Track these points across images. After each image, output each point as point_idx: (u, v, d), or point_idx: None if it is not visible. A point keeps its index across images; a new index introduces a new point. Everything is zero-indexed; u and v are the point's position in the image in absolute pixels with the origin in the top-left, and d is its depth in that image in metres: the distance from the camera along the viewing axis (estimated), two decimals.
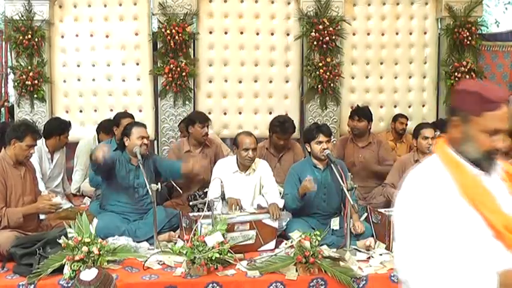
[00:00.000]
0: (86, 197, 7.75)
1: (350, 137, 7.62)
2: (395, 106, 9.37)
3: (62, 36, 8.78)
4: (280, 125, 7.08)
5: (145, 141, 6.04)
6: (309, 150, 5.98)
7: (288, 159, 7.13)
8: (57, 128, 7.26)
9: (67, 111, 8.74)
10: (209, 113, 8.50)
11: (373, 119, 7.69)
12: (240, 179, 6.23)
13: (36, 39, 8.40)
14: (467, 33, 9.05)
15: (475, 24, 9.17)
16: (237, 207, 5.85)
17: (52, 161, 7.28)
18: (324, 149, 5.80)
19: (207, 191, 6.21)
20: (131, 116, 7.49)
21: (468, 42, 9.09)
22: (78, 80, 8.80)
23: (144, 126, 6.26)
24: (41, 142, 6.79)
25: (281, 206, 5.84)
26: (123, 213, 5.99)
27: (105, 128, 7.74)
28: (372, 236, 5.75)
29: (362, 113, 7.45)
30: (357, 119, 7.38)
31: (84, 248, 4.77)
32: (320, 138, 5.83)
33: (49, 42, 8.65)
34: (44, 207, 5.39)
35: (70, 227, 5.00)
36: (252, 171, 6.27)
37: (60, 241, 4.85)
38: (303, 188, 5.66)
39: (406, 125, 8.67)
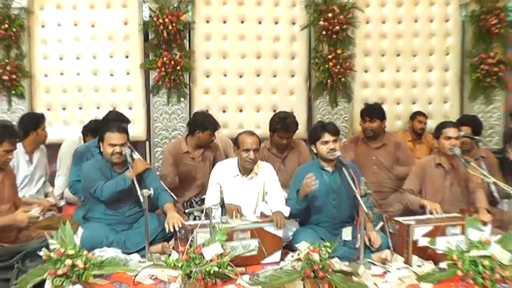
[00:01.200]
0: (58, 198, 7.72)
1: (362, 136, 7.55)
2: (413, 103, 9.37)
3: (43, 26, 8.78)
4: (281, 122, 7.05)
5: (117, 149, 5.91)
6: (315, 151, 5.97)
7: (293, 160, 7.13)
8: (31, 123, 7.22)
9: (49, 109, 8.74)
10: (206, 111, 8.49)
11: (389, 117, 7.67)
12: (241, 184, 6.22)
13: (14, 29, 8.40)
14: (495, 20, 9.04)
15: (504, 9, 9.16)
16: (237, 214, 5.85)
17: (31, 162, 7.25)
18: (331, 149, 5.79)
19: (204, 198, 6.20)
20: (125, 120, 7.24)
21: (496, 31, 9.09)
22: (61, 74, 8.81)
23: (119, 130, 6.06)
24: None
25: (287, 214, 5.82)
26: (109, 225, 5.96)
27: (93, 130, 7.65)
28: (388, 248, 5.74)
29: (373, 112, 7.38)
30: (368, 120, 7.31)
31: (68, 261, 4.75)
32: (325, 138, 5.82)
33: (28, 33, 8.65)
34: (22, 221, 5.36)
35: (52, 237, 4.99)
36: (254, 175, 6.26)
37: (41, 253, 4.84)
38: (304, 188, 5.66)
39: (425, 123, 8.67)
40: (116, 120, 6.90)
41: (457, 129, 6.52)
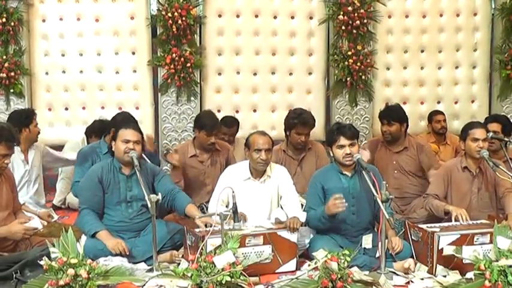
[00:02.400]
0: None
1: (382, 139, 7.52)
2: (438, 102, 9.38)
3: (43, 20, 8.84)
4: (299, 117, 7.05)
5: (130, 145, 5.88)
6: (332, 155, 5.97)
7: (310, 163, 7.13)
8: (21, 120, 7.14)
9: (50, 109, 8.80)
10: (218, 111, 8.55)
11: (412, 117, 7.64)
12: (253, 188, 6.21)
13: (12, 24, 8.48)
14: None
15: None
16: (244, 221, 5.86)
17: (27, 161, 7.25)
18: (347, 154, 5.77)
19: None
20: (134, 121, 7.04)
21: None
22: (63, 71, 8.86)
23: (134, 127, 6.10)
24: None
25: (303, 220, 5.83)
26: (115, 232, 5.98)
27: (97, 131, 7.67)
28: (412, 256, 5.74)
29: (392, 115, 7.32)
30: (386, 123, 7.27)
31: (70, 271, 4.78)
32: (341, 142, 5.79)
33: (28, 27, 8.72)
34: (17, 232, 5.36)
35: (53, 245, 5.02)
36: (267, 178, 6.26)
37: (42, 262, 4.86)
38: (329, 208, 5.64)
39: (445, 120, 8.66)
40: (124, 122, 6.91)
41: (486, 130, 6.50)
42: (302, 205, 6.22)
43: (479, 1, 9.34)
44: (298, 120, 7.03)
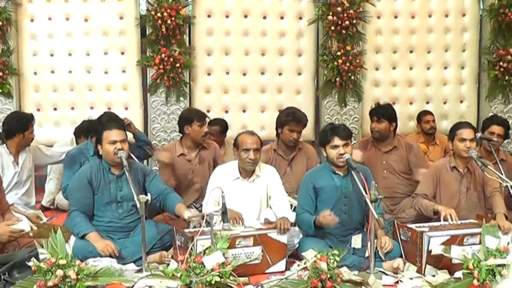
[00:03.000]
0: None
1: (371, 139, 7.53)
2: (427, 102, 9.40)
3: (32, 20, 8.80)
4: (292, 114, 7.11)
5: (118, 146, 5.87)
6: (325, 155, 5.98)
7: (300, 163, 7.14)
8: (19, 125, 7.17)
9: (38, 109, 8.77)
10: (208, 111, 8.56)
11: (401, 117, 7.67)
12: (242, 188, 6.22)
13: (0, 23, 8.43)
14: None
15: None
16: (240, 221, 5.87)
17: (17, 163, 7.24)
18: (341, 155, 5.78)
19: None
20: (119, 120, 7.15)
21: None
22: (52, 71, 8.83)
23: (117, 126, 6.10)
24: None
25: (292, 220, 5.84)
26: (105, 232, 5.97)
27: (86, 131, 7.65)
28: (401, 256, 5.76)
29: (381, 113, 7.37)
30: (375, 120, 7.31)
31: (59, 272, 4.77)
32: (335, 142, 5.81)
33: (16, 27, 8.67)
34: (2, 235, 5.29)
35: (42, 246, 5.01)
36: (256, 177, 6.27)
37: (30, 264, 4.86)
38: (320, 221, 5.64)
39: (434, 121, 8.69)
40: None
41: (473, 131, 6.53)
42: (292, 205, 6.23)
43: (467, 2, 9.36)
44: (292, 117, 7.07)
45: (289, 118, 7.07)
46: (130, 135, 6.97)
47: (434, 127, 8.69)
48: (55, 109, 8.85)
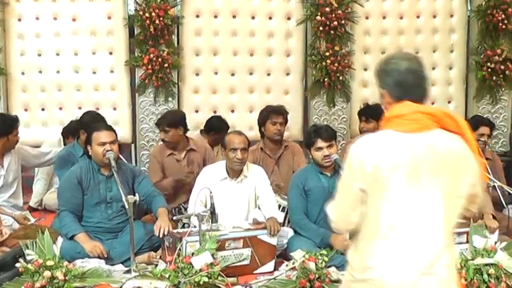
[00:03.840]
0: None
1: None
2: None
3: (19, 19, 8.74)
4: (270, 107, 7.34)
5: (107, 147, 5.90)
6: (311, 156, 5.99)
7: (287, 161, 7.17)
8: (3, 128, 7.10)
9: (26, 109, 8.72)
10: (196, 111, 8.58)
11: None
12: (229, 188, 6.23)
13: None
14: (503, 16, 9.05)
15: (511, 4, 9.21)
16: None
17: (2, 165, 7.19)
18: (325, 156, 5.80)
19: None
20: (103, 120, 7.24)
21: (503, 27, 9.09)
22: (40, 71, 8.78)
23: (107, 128, 6.16)
24: None
25: (281, 220, 5.84)
26: (93, 233, 5.95)
27: (74, 132, 7.61)
28: None
29: (370, 113, 7.41)
30: (364, 120, 7.34)
31: (47, 273, 4.76)
32: (319, 144, 5.84)
33: (3, 26, 8.62)
34: None
35: (28, 247, 4.99)
36: (243, 178, 6.28)
37: (17, 265, 4.84)
38: (336, 243, 5.64)
39: None
40: (92, 122, 6.90)
41: None
42: (280, 206, 6.23)
43: (455, 3, 9.37)
44: (270, 109, 7.27)
45: (268, 111, 7.23)
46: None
47: None
48: (43, 109, 8.80)
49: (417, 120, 3.10)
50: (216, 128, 8.02)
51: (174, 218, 6.28)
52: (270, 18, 9.02)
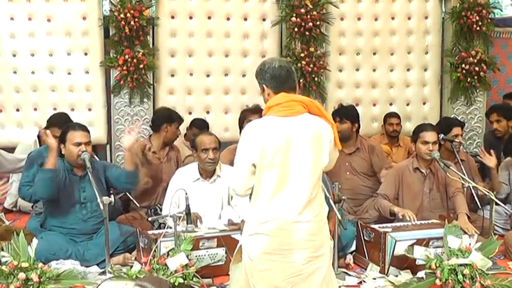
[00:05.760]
0: None
1: None
2: (390, 104, 9.43)
3: None
4: (247, 108, 7.51)
5: (82, 148, 5.92)
6: None
7: None
8: None
9: (1, 110, 8.66)
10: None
11: (365, 119, 7.70)
12: (202, 188, 6.25)
13: None
14: (477, 18, 9.12)
15: (486, 6, 9.24)
16: (199, 221, 5.87)
17: None
18: None
19: None
20: (70, 121, 7.19)
21: (477, 28, 9.16)
22: (14, 72, 8.72)
23: (82, 128, 6.15)
24: None
25: None
26: (68, 235, 5.93)
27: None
28: (351, 252, 5.86)
29: (344, 113, 7.44)
30: (338, 121, 7.36)
31: (21, 275, 4.75)
32: None
33: None
34: None
35: (3, 249, 4.97)
36: (216, 178, 6.31)
37: None
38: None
39: (398, 125, 8.73)
40: (61, 123, 6.89)
41: (436, 133, 6.59)
42: None
43: (430, 5, 9.42)
44: (247, 109, 7.38)
45: (246, 110, 7.32)
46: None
47: (398, 130, 8.72)
48: (17, 110, 8.74)
49: (291, 107, 3.99)
50: (198, 126, 8.09)
51: (150, 218, 6.29)
52: (245, 19, 9.03)
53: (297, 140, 3.92)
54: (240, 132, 7.22)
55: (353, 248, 6.10)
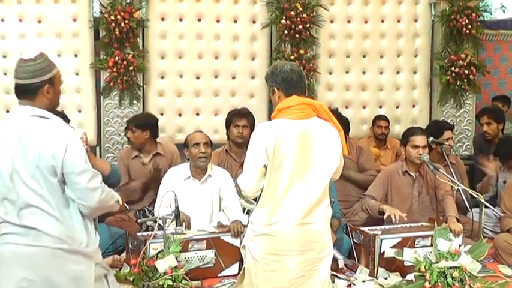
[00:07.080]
0: None
1: None
2: (380, 106, 9.43)
3: None
4: (234, 110, 7.45)
5: None
6: None
7: None
8: None
9: None
10: (161, 114, 8.54)
11: (354, 121, 7.69)
12: (193, 188, 6.22)
13: None
14: (467, 21, 9.12)
15: (475, 9, 9.24)
16: (187, 225, 5.84)
17: None
18: None
19: None
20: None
21: (467, 31, 9.15)
22: (5, 73, 8.67)
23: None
24: None
25: (245, 223, 5.84)
26: None
27: None
28: (349, 255, 5.87)
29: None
30: None
31: None
32: None
33: None
34: None
35: None
36: (208, 177, 6.28)
37: None
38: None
39: (387, 128, 8.70)
40: None
41: (426, 137, 6.59)
42: (244, 209, 6.22)
43: (419, 8, 9.43)
44: (234, 112, 7.33)
45: (232, 114, 7.28)
46: None
47: (386, 134, 8.69)
48: (7, 111, 8.70)
49: (302, 110, 4.16)
50: None
51: (139, 220, 6.25)
52: (235, 21, 9.02)
53: (308, 142, 4.08)
54: (227, 135, 7.28)
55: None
